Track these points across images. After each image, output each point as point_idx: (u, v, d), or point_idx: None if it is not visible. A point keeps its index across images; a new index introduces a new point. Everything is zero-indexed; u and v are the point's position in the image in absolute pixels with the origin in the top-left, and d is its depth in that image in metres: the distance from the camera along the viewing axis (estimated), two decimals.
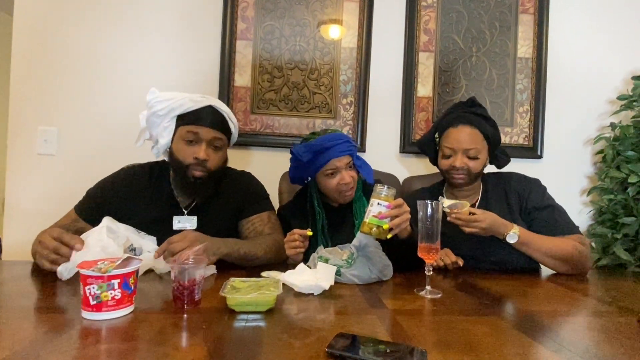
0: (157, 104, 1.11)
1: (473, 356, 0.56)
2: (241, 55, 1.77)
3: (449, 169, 1.26)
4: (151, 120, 1.14)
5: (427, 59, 1.87)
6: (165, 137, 1.15)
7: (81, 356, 0.53)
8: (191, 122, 1.13)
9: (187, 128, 1.13)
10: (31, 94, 1.68)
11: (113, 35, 1.73)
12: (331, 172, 1.21)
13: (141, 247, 1.02)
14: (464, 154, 1.23)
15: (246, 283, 0.79)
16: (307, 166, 1.22)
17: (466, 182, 1.26)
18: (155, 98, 1.12)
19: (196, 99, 1.14)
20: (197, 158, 1.12)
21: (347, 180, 1.21)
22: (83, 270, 0.66)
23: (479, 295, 0.90)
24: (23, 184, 1.68)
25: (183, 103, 1.12)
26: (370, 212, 0.95)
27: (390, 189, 0.96)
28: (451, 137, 1.25)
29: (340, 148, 1.19)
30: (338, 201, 1.27)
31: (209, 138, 1.14)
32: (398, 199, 0.97)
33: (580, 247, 1.13)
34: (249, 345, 0.57)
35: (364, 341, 0.58)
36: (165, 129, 1.14)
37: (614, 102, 1.94)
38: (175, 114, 1.13)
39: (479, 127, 1.24)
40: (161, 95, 1.12)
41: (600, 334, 0.69)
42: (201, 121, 1.13)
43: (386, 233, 0.94)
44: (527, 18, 1.92)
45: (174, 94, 1.13)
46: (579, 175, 1.97)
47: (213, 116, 1.15)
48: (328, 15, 1.82)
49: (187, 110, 1.12)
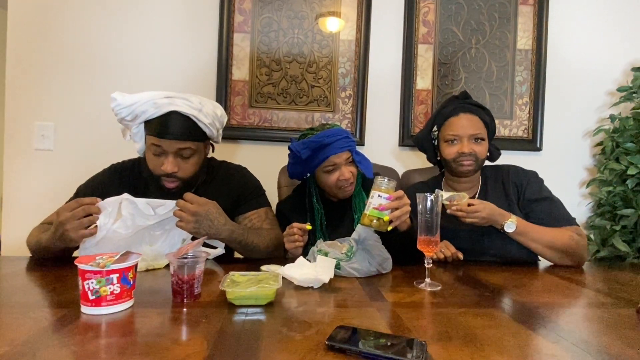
0: (121, 111, 1.05)
1: (473, 348, 0.56)
2: (239, 48, 1.76)
3: (456, 157, 1.24)
4: (123, 124, 1.11)
5: (426, 51, 1.86)
6: (139, 143, 1.11)
7: (80, 351, 0.53)
8: (155, 134, 1.05)
9: (151, 140, 1.06)
10: (28, 89, 1.67)
11: (109, 29, 1.71)
12: (330, 169, 1.21)
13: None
14: (469, 139, 1.23)
15: (246, 277, 0.79)
16: (306, 163, 1.21)
17: (474, 168, 1.25)
18: (118, 105, 1.04)
19: (159, 103, 1.04)
20: (164, 171, 1.07)
21: (347, 176, 1.20)
22: (81, 265, 0.66)
23: (479, 288, 0.90)
24: (21, 179, 1.67)
25: (146, 109, 1.04)
26: (370, 204, 0.94)
27: (390, 181, 0.96)
28: (455, 124, 1.24)
29: (339, 144, 1.18)
30: (337, 196, 1.27)
31: (173, 150, 1.07)
32: (399, 190, 0.97)
33: (577, 238, 1.14)
34: (249, 339, 0.57)
35: (363, 334, 0.58)
36: (136, 134, 1.10)
37: (614, 93, 1.94)
38: (140, 121, 1.07)
39: (479, 115, 1.25)
40: (123, 101, 1.04)
41: (600, 325, 0.69)
42: (164, 133, 1.04)
43: (386, 225, 0.94)
44: (527, 9, 1.90)
45: (137, 97, 1.04)
46: (578, 168, 1.97)
47: (177, 124, 1.05)
48: (326, 8, 1.80)
49: (151, 117, 1.05)
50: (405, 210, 0.95)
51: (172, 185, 1.10)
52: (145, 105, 1.03)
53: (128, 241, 0.97)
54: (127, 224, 0.96)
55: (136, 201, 0.97)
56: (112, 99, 1.05)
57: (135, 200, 0.98)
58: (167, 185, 1.10)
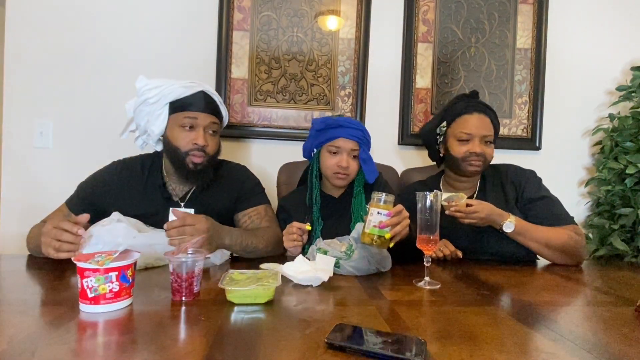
0: (148, 92, 1.10)
1: (472, 346, 0.56)
2: (238, 46, 1.75)
3: (465, 156, 1.23)
4: (140, 109, 1.13)
5: (425, 50, 1.86)
6: (159, 125, 1.14)
7: (79, 349, 0.53)
8: (186, 109, 1.12)
9: (185, 114, 1.12)
10: (26, 86, 1.66)
11: (108, 26, 1.70)
12: (334, 150, 1.23)
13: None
14: (481, 140, 1.22)
15: (245, 275, 0.79)
16: (317, 135, 1.25)
17: (481, 169, 1.25)
18: (145, 86, 1.10)
19: (187, 85, 1.13)
20: (197, 144, 1.12)
21: (344, 164, 1.21)
22: (80, 263, 0.66)
23: (478, 286, 0.90)
24: (19, 177, 1.67)
25: (174, 89, 1.11)
26: (370, 222, 0.91)
27: (388, 195, 0.93)
28: (469, 123, 1.23)
29: (351, 132, 1.21)
30: (332, 182, 1.27)
31: (206, 123, 1.14)
32: (397, 205, 0.94)
33: (576, 237, 1.14)
34: (248, 337, 0.57)
35: (363, 332, 0.58)
36: (157, 117, 1.13)
37: (613, 93, 1.94)
38: (166, 101, 1.12)
39: (490, 117, 1.25)
40: (150, 82, 1.11)
41: (598, 323, 0.69)
42: (197, 107, 1.13)
43: (388, 243, 0.92)
44: (527, 8, 1.90)
45: (163, 81, 1.12)
46: (577, 167, 1.98)
47: (207, 101, 1.15)
48: (326, 6, 1.80)
49: (180, 96, 1.11)
50: (405, 224, 0.94)
51: (200, 160, 1.14)
52: (173, 86, 1.11)
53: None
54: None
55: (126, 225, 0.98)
56: (139, 79, 1.11)
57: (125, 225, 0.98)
58: (195, 160, 1.13)
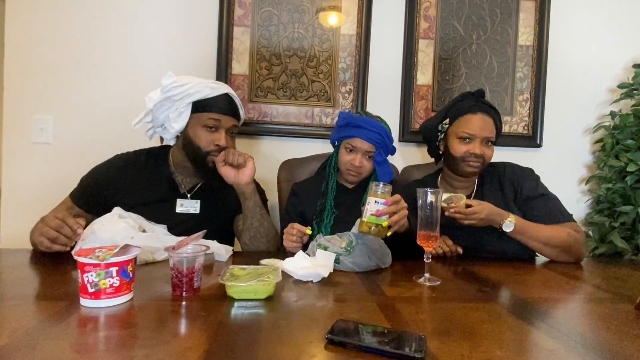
0: (174, 89, 1.11)
1: (471, 342, 0.56)
2: (239, 42, 1.75)
3: (465, 156, 1.22)
4: (161, 103, 1.13)
5: (427, 47, 1.85)
6: (180, 123, 1.15)
7: (80, 343, 0.53)
8: (211, 110, 1.14)
9: (209, 115, 1.15)
10: (25, 82, 1.66)
11: (108, 22, 1.70)
12: (350, 148, 1.25)
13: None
14: (482, 141, 1.22)
15: (245, 270, 0.79)
16: (339, 130, 1.29)
17: (479, 170, 1.24)
18: (173, 83, 1.11)
19: (213, 86, 1.15)
20: (219, 145, 1.15)
21: (357, 164, 1.24)
22: (80, 258, 0.66)
23: (478, 283, 0.90)
24: (19, 172, 1.67)
25: (200, 89, 1.12)
26: (367, 210, 0.93)
27: (386, 185, 0.95)
28: (472, 123, 1.22)
29: (370, 134, 1.22)
30: (346, 177, 1.31)
31: (229, 126, 1.18)
32: (395, 195, 0.95)
33: (575, 235, 1.14)
34: (249, 333, 0.57)
35: (363, 328, 0.58)
36: (180, 115, 1.14)
37: (614, 90, 1.93)
38: (190, 100, 1.13)
39: (493, 118, 1.24)
40: (178, 79, 1.12)
41: (598, 320, 0.69)
42: (221, 109, 1.16)
43: (385, 231, 0.93)
44: (529, 5, 1.89)
45: (189, 79, 1.13)
46: (578, 164, 1.97)
47: (232, 104, 1.19)
48: (327, 2, 1.79)
49: (205, 97, 1.13)
50: (403, 214, 0.94)
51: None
52: (199, 86, 1.13)
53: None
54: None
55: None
56: (168, 76, 1.11)
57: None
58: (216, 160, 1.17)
